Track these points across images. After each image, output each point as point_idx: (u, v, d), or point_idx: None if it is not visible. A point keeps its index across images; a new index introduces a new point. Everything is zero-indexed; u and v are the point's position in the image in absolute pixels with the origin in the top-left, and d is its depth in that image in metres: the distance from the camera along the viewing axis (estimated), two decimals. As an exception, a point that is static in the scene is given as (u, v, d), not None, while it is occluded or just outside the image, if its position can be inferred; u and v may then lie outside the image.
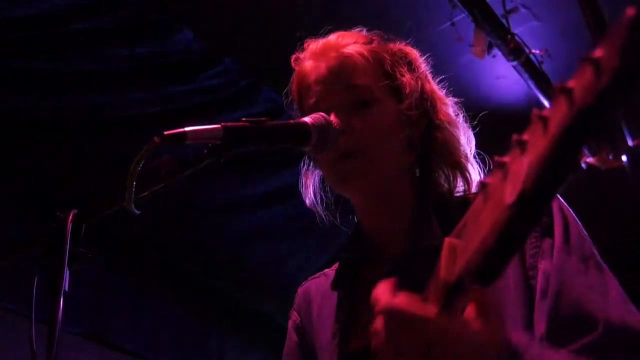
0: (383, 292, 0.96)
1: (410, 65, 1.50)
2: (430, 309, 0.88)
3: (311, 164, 1.59)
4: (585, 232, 1.28)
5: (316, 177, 1.58)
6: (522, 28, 3.69)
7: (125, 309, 4.38)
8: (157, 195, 1.29)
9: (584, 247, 1.23)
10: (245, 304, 5.16)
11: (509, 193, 0.69)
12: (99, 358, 4.22)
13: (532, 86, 3.75)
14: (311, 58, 1.50)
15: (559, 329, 1.15)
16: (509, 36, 3.57)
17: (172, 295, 4.71)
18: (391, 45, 1.52)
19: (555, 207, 1.27)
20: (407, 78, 1.46)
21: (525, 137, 0.70)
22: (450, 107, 1.51)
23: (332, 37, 1.52)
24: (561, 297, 1.16)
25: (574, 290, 1.16)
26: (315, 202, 1.56)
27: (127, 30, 3.30)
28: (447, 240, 0.84)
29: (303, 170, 1.60)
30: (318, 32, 1.57)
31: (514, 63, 3.65)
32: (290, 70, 1.58)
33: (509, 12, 3.62)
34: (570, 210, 1.29)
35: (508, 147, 0.73)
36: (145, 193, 1.27)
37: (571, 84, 0.64)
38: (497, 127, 1.60)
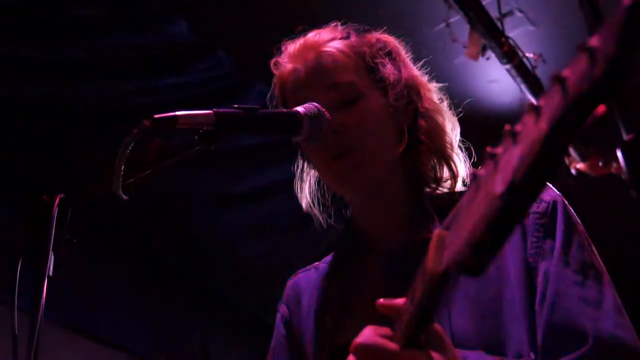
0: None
1: (390, 55, 1.47)
2: (393, 345, 0.92)
3: (305, 165, 1.56)
4: (587, 239, 1.26)
5: (311, 179, 1.55)
6: (516, 32, 3.70)
7: (109, 301, 4.35)
8: (145, 189, 1.27)
9: (584, 256, 1.22)
10: (230, 298, 5.14)
11: (499, 183, 0.68)
12: (82, 350, 4.19)
13: (525, 90, 3.76)
14: (290, 61, 1.46)
15: (552, 341, 1.16)
16: (503, 39, 3.57)
17: (156, 288, 4.69)
18: (368, 37, 1.49)
19: (559, 209, 1.26)
20: (389, 69, 1.44)
21: (518, 127, 0.69)
22: (434, 93, 1.50)
23: (309, 36, 1.48)
24: (555, 308, 1.17)
25: (568, 302, 1.17)
26: (311, 205, 1.54)
27: (120, 19, 3.28)
28: (436, 232, 0.84)
29: (297, 173, 1.56)
30: (313, 28, 1.52)
31: (507, 66, 3.66)
32: None
33: (504, 15, 3.63)
34: (574, 213, 1.28)
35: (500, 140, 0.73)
36: (134, 178, 1.26)
37: (566, 73, 0.63)
38: (489, 130, 1.58)
